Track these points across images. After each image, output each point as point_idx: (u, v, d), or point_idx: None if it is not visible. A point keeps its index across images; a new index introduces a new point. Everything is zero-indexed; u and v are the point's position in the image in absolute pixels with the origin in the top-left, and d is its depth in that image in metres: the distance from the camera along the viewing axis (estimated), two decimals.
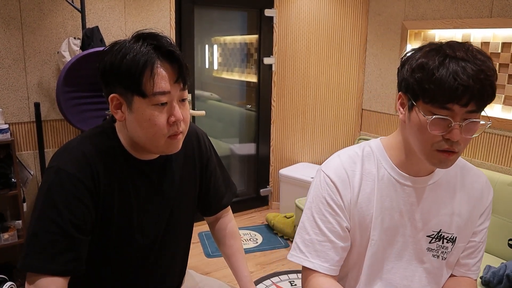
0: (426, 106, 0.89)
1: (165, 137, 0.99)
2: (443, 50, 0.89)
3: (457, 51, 0.87)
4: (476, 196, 1.08)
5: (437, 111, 0.88)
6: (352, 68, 3.48)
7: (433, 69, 0.86)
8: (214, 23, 3.49)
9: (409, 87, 0.92)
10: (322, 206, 1.04)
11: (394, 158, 1.04)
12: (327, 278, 1.04)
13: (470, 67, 0.84)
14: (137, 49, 0.93)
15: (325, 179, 1.05)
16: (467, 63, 0.85)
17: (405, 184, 1.04)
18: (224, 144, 3.78)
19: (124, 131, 1.04)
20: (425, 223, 1.05)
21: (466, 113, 0.87)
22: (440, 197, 1.05)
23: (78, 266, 0.96)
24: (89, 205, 0.98)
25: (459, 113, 0.87)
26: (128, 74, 0.93)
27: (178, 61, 0.96)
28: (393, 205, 1.04)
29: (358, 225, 1.04)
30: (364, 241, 1.05)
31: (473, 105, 0.86)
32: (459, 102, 0.86)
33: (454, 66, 0.85)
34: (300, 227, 1.08)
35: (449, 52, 0.87)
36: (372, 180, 1.04)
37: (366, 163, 1.06)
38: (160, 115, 0.96)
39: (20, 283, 2.39)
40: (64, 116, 2.25)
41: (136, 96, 0.94)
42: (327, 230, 1.03)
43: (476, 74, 0.84)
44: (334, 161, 1.08)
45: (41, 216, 0.94)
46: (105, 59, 0.97)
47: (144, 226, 1.08)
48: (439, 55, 0.87)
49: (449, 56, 0.86)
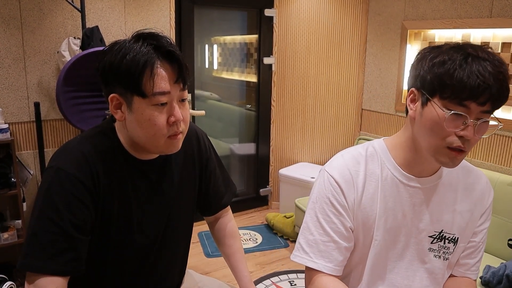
0: (443, 102, 0.90)
1: (165, 137, 0.98)
2: (465, 48, 0.90)
3: (478, 51, 0.88)
4: (477, 197, 1.09)
5: (454, 107, 0.89)
6: (352, 68, 3.48)
7: (456, 66, 0.87)
8: (214, 23, 3.49)
9: (425, 82, 0.93)
10: (326, 206, 1.04)
11: (398, 158, 1.04)
12: (332, 279, 1.04)
13: (490, 67, 0.86)
14: (137, 49, 0.93)
15: (329, 179, 1.05)
16: (488, 63, 0.86)
17: (408, 184, 1.04)
18: (224, 144, 3.78)
19: (124, 131, 1.03)
20: (427, 224, 1.05)
21: (481, 112, 0.88)
22: (443, 198, 1.06)
23: (77, 266, 0.96)
24: (89, 205, 0.98)
25: (474, 111, 0.88)
26: (128, 74, 0.93)
27: (178, 61, 0.96)
28: (396, 206, 1.04)
29: (361, 225, 1.04)
30: (367, 241, 1.05)
31: (489, 105, 0.87)
32: (477, 100, 0.86)
33: (477, 64, 0.86)
34: (303, 227, 1.08)
35: (471, 51, 0.88)
36: (376, 180, 1.04)
37: (370, 163, 1.06)
38: (160, 115, 0.96)
39: (20, 282, 2.39)
40: (64, 116, 2.25)
41: (136, 96, 0.94)
42: (331, 230, 1.03)
43: (496, 74, 0.85)
44: (338, 161, 1.08)
45: (41, 216, 0.93)
46: (105, 59, 0.96)
47: (143, 226, 1.08)
48: (460, 53, 0.89)
49: (471, 55, 0.88)
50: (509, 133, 2.49)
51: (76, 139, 1.03)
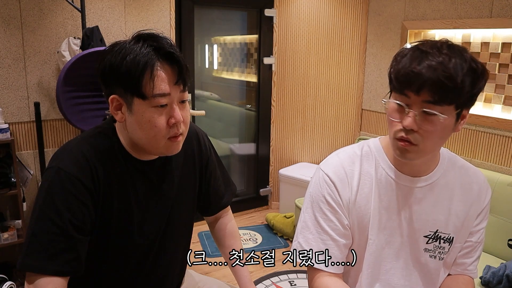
0: (393, 94, 0.95)
1: (165, 139, 0.98)
2: (420, 45, 0.93)
3: (428, 46, 0.91)
4: (474, 196, 1.08)
5: (397, 97, 0.93)
6: (352, 68, 3.48)
7: (400, 59, 0.92)
8: (214, 23, 3.49)
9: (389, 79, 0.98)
10: (322, 205, 1.05)
11: (392, 157, 1.04)
12: (334, 278, 1.04)
13: (429, 59, 0.88)
14: (137, 51, 0.93)
15: (324, 178, 1.05)
16: (429, 55, 0.88)
17: (403, 184, 1.04)
18: (224, 144, 3.78)
19: (124, 131, 1.03)
20: (422, 223, 1.05)
21: (423, 102, 0.89)
22: (438, 197, 1.05)
23: (77, 266, 0.96)
24: (89, 205, 0.98)
25: (415, 101, 0.90)
26: (128, 75, 0.92)
27: (178, 62, 0.95)
28: (391, 205, 1.04)
29: (356, 225, 1.05)
30: (363, 241, 1.05)
31: (428, 95, 0.88)
32: (410, 88, 0.89)
33: (415, 56, 0.89)
34: (302, 226, 1.08)
35: (420, 46, 0.92)
36: (370, 180, 1.04)
37: (365, 163, 1.06)
38: (160, 117, 0.95)
39: (20, 282, 2.39)
40: (64, 116, 2.24)
41: (136, 97, 0.94)
42: (330, 228, 1.04)
43: (433, 65, 0.87)
44: (333, 159, 1.08)
45: (41, 216, 0.93)
46: (105, 60, 0.96)
47: (143, 227, 1.08)
48: (412, 49, 0.92)
49: (418, 49, 0.91)
50: (509, 133, 2.49)
51: (76, 139, 1.03)
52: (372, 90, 3.42)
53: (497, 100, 2.53)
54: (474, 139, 2.67)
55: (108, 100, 0.99)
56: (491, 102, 2.56)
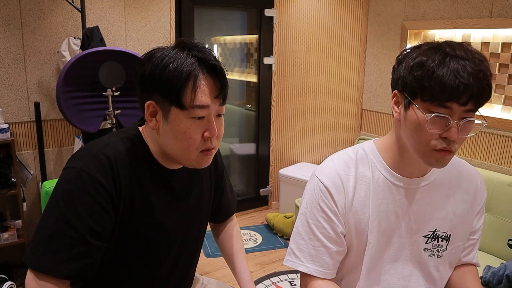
0: (424, 104, 0.89)
1: (198, 151, 0.97)
2: (443, 48, 0.88)
3: (456, 50, 0.87)
4: (471, 195, 1.09)
5: (435, 109, 0.88)
6: (352, 68, 3.48)
7: (434, 67, 0.86)
8: (214, 23, 3.49)
9: (406, 85, 0.92)
10: (316, 212, 1.04)
11: (388, 159, 1.04)
12: (327, 283, 1.04)
13: (470, 66, 0.84)
14: (181, 60, 0.91)
15: (319, 185, 1.05)
16: (467, 61, 0.85)
17: (400, 185, 1.04)
18: (224, 144, 3.78)
19: (154, 138, 1.01)
20: (421, 224, 1.05)
21: (463, 112, 0.88)
22: (436, 198, 1.06)
23: (90, 272, 0.94)
24: (109, 210, 0.95)
25: (457, 111, 0.87)
26: (169, 84, 0.91)
27: (221, 76, 0.94)
28: (389, 207, 1.04)
29: (354, 229, 1.04)
30: (362, 245, 1.05)
31: (472, 104, 0.86)
32: (459, 101, 0.85)
33: (455, 64, 0.85)
34: (294, 232, 1.09)
35: (449, 51, 0.87)
36: (367, 183, 1.04)
37: (360, 166, 1.05)
38: (196, 129, 0.94)
39: (20, 282, 2.39)
40: (64, 116, 2.24)
41: (174, 107, 0.92)
42: (322, 235, 1.04)
43: (475, 73, 0.84)
44: (328, 165, 1.07)
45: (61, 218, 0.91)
46: (145, 65, 0.94)
47: (162, 233, 1.07)
48: (439, 53, 0.87)
49: (449, 55, 0.86)
50: (509, 133, 2.49)
51: (101, 143, 1.00)
52: (372, 90, 3.42)
53: (497, 100, 2.53)
54: (474, 139, 2.67)
55: (142, 105, 0.97)
56: (491, 102, 2.56)
